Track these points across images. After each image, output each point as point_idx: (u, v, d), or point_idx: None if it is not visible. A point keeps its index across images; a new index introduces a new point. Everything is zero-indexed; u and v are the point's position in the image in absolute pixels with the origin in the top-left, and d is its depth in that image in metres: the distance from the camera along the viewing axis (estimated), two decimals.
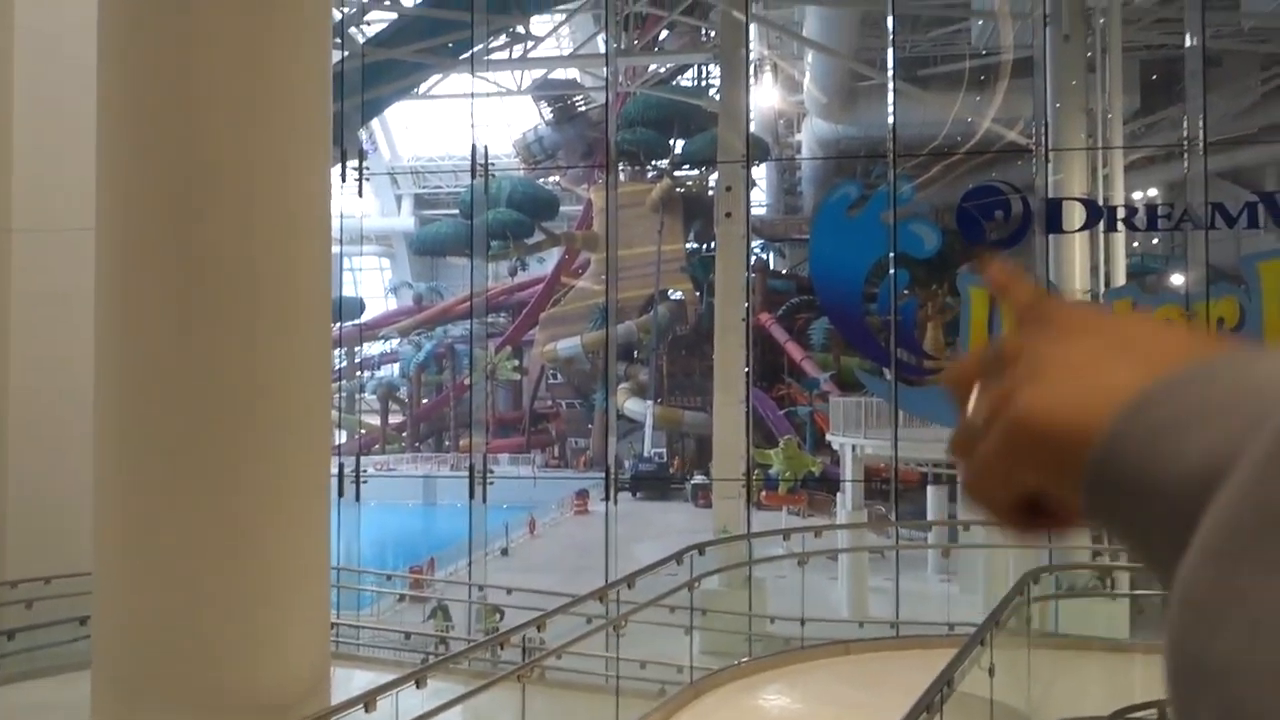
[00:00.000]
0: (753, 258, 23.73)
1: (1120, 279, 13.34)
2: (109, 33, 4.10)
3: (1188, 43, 12.74)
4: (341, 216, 15.17)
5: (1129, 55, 19.67)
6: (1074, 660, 6.93)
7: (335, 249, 5.65)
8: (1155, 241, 24.41)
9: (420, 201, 44.38)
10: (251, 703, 3.95)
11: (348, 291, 36.08)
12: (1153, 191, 25.54)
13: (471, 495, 12.97)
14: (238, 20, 4.07)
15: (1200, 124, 11.15)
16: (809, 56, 27.17)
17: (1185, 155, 11.54)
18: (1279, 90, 23.21)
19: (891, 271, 11.67)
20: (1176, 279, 23.59)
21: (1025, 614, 6.19)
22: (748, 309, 16.40)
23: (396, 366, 36.52)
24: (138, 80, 4.09)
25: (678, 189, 32.73)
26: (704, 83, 34.87)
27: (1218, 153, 12.62)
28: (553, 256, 35.87)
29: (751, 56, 18.57)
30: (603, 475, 14.30)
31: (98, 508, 4.04)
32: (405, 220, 43.57)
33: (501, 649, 6.68)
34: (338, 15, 15.58)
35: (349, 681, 6.65)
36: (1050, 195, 11.76)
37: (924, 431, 14.87)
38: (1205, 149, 10.88)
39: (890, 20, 14.19)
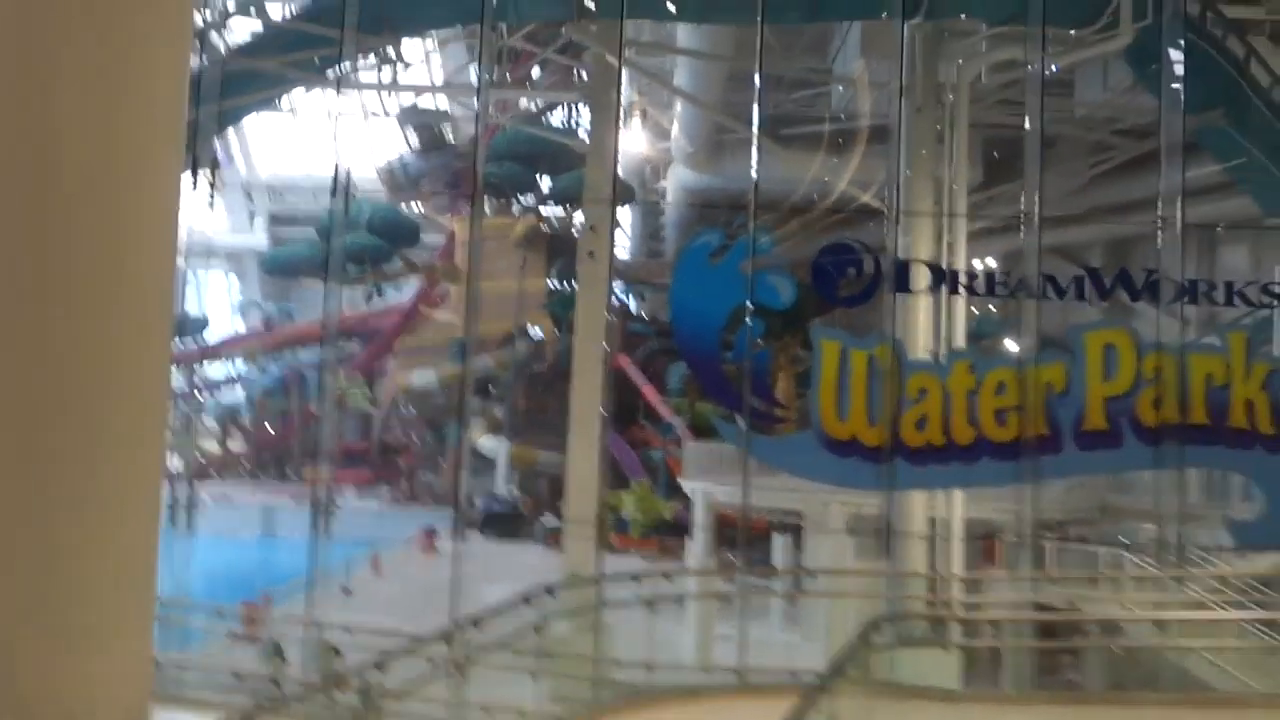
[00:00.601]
0: (613, 300, 23.91)
1: (960, 341, 14.05)
2: None
3: (1027, 125, 13.64)
4: (189, 230, 14.48)
5: (974, 131, 20.92)
6: (911, 708, 7.15)
7: (180, 262, 5.36)
8: (992, 308, 25.87)
9: (275, 220, 42.92)
10: None
11: (190, 308, 34.39)
12: (991, 260, 27.10)
13: (314, 526, 12.49)
14: (90, 18, 3.85)
15: (1036, 201, 11.94)
16: (678, 105, 27.81)
17: (1022, 229, 12.32)
18: (1105, 175, 25.07)
19: (748, 320, 11.95)
20: (1010, 344, 25.03)
21: (865, 662, 6.36)
22: (607, 350, 16.48)
23: (240, 390, 35.03)
24: None
25: (542, 226, 32.80)
26: (574, 122, 35.17)
27: (1050, 228, 13.59)
28: (411, 285, 35.26)
29: (622, 100, 18.85)
30: (452, 512, 14.01)
31: None
32: (258, 238, 42.05)
33: (339, 691, 6.41)
34: (200, 21, 14.98)
35: None
36: (899, 257, 12.32)
37: (773, 480, 15.21)
38: (1040, 224, 11.66)
39: (757, 78, 14.67)
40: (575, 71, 29.23)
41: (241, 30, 20.02)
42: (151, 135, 3.95)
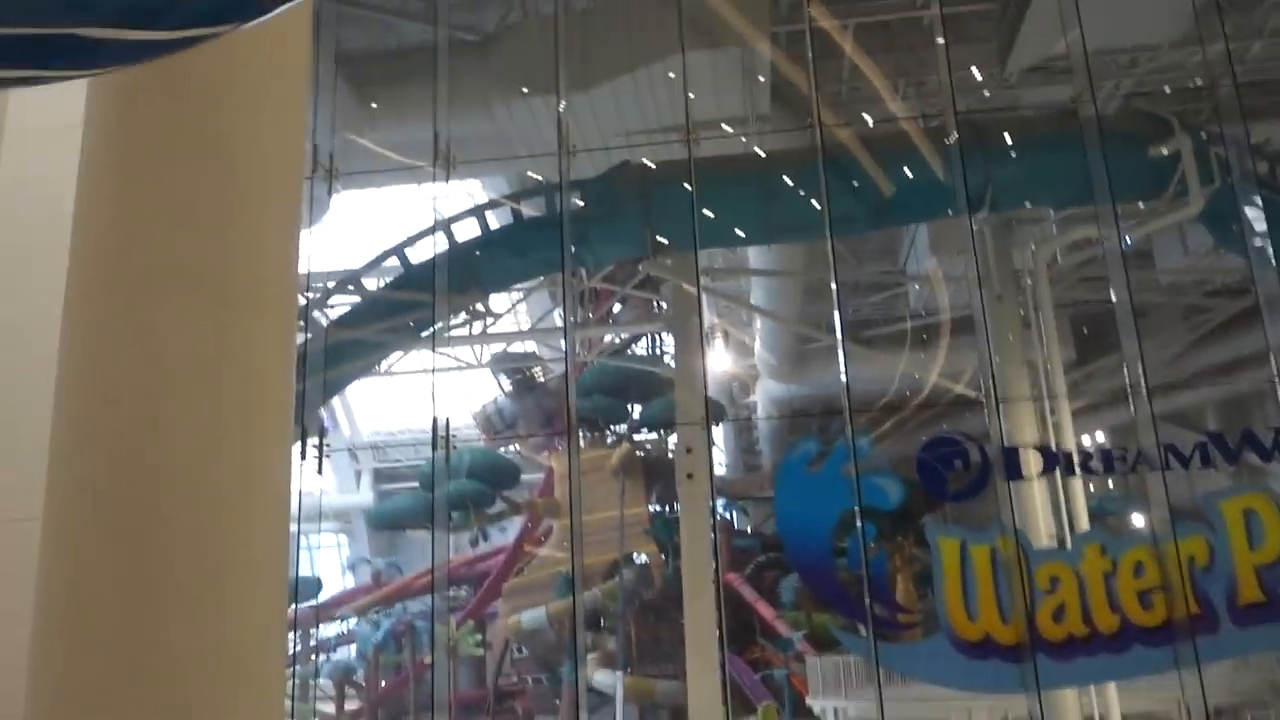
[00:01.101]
0: (716, 518, 23.62)
1: (1084, 522, 13.42)
2: (73, 325, 4.19)
3: (1113, 298, 13.55)
4: (300, 495, 14.99)
5: (1060, 310, 20.84)
6: None
7: (293, 528, 5.54)
8: (1111, 485, 24.82)
9: (379, 476, 44.24)
10: None
11: (304, 571, 35.00)
12: (1100, 436, 26.24)
13: None
14: (203, 312, 4.18)
15: (1141, 371, 11.66)
16: (758, 322, 28.47)
17: (1131, 401, 11.98)
18: (1205, 337, 24.51)
19: (859, 524, 11.65)
20: (1138, 519, 23.78)
21: None
22: (716, 570, 16.18)
23: (353, 647, 34.93)
24: (98, 366, 4.13)
25: (637, 453, 33.07)
26: (658, 350, 36.13)
27: (1157, 397, 13.24)
28: (514, 525, 35.47)
29: (703, 325, 19.38)
30: None
31: None
32: (364, 495, 43.24)
33: None
34: (302, 300, 16.11)
35: None
36: (1006, 444, 12.03)
37: (908, 688, 14.33)
38: (1150, 395, 11.34)
39: (834, 286, 15.01)
40: (655, 302, 30.33)
41: (341, 305, 21.47)
42: (263, 414, 4.18)
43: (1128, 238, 15.87)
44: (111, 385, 4.03)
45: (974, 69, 18.29)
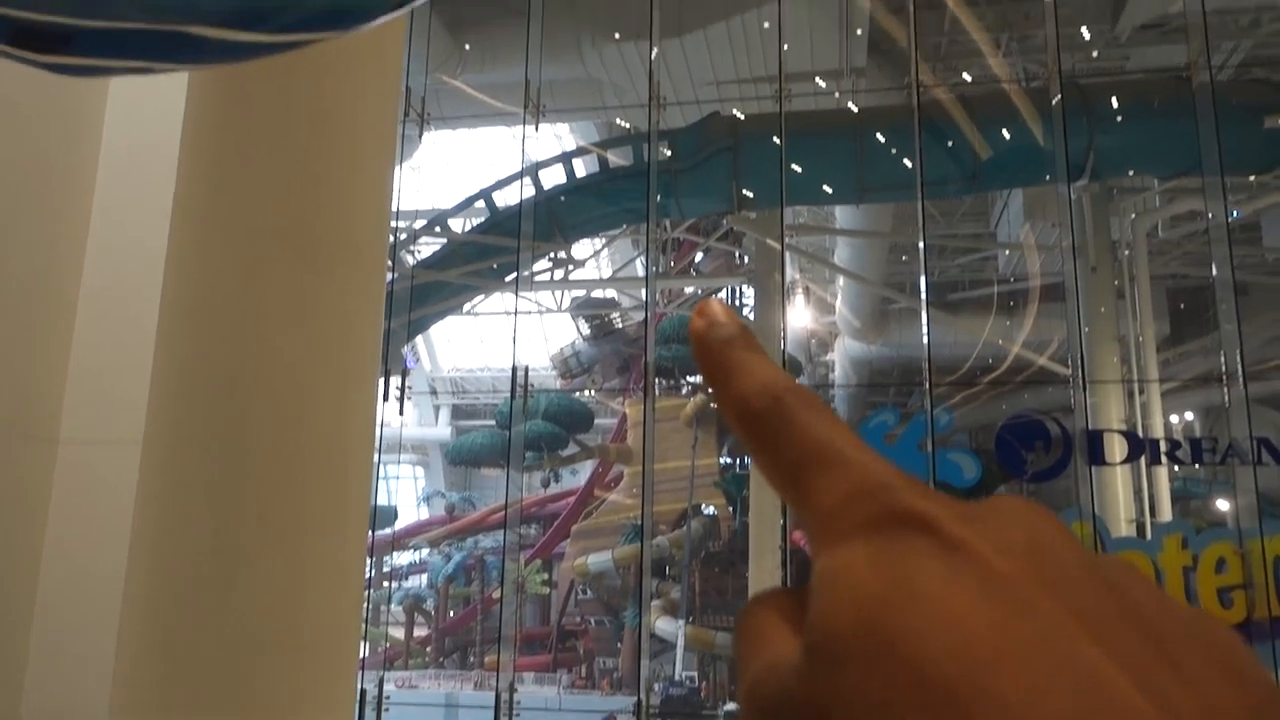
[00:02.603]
0: None
1: (1166, 511, 13.08)
2: (175, 268, 4.33)
3: (1215, 273, 13.03)
4: (381, 426, 15.38)
5: (1156, 283, 20.11)
6: None
7: (374, 458, 5.74)
8: (1198, 467, 24.10)
9: (457, 411, 45.10)
10: None
11: (382, 500, 36.07)
12: (1189, 415, 25.39)
13: (496, 717, 12.43)
14: (299, 267, 4.30)
15: (1237, 358, 11.22)
16: (840, 281, 28.08)
17: (1225, 388, 11.56)
18: None
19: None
20: (1223, 504, 23.05)
21: None
22: (783, 527, 16.19)
23: (424, 577, 36.00)
24: (198, 305, 4.28)
25: (711, 404, 33.04)
26: (738, 303, 35.92)
27: (1256, 379, 12.65)
28: (585, 469, 35.93)
29: (784, 281, 19.21)
30: (632, 699, 13.69)
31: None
32: (442, 430, 44.15)
33: None
34: (391, 240, 16.35)
35: None
36: (1089, 423, 11.73)
37: None
38: (1245, 383, 10.91)
39: (921, 248, 14.71)
40: (737, 255, 30.10)
41: (428, 244, 21.76)
42: (352, 356, 4.33)
43: (1235, 211, 15.19)
44: (210, 332, 4.19)
45: (1083, 28, 17.54)
